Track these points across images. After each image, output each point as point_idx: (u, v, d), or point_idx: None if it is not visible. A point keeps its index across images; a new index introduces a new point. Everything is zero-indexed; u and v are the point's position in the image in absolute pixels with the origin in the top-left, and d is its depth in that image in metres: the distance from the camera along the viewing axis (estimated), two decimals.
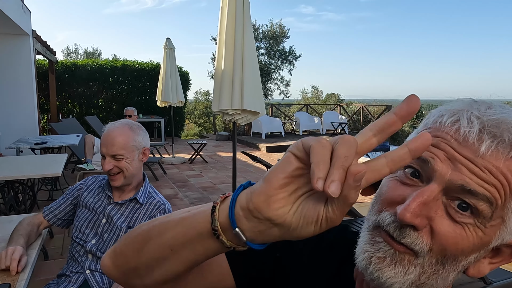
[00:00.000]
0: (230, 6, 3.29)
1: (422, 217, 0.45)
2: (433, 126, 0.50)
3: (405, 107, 0.37)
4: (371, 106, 14.59)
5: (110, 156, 1.53)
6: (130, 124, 1.61)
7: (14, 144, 4.77)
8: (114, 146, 1.52)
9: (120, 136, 1.54)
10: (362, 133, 0.38)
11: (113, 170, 1.53)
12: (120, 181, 1.55)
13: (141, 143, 1.60)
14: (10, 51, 7.29)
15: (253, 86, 3.33)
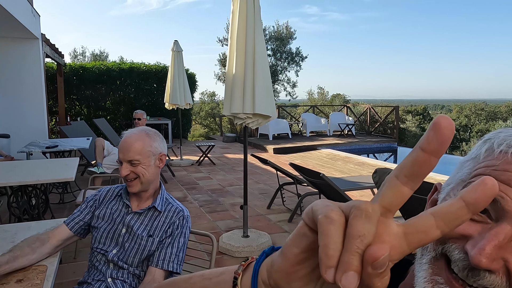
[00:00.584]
0: (241, 10, 3.29)
1: (497, 260, 0.40)
2: (491, 157, 0.44)
3: (434, 137, 0.28)
4: (378, 106, 14.53)
5: (126, 162, 1.54)
6: (146, 131, 1.63)
7: (26, 148, 4.82)
8: (130, 152, 1.53)
9: (137, 142, 1.55)
10: (388, 182, 0.30)
11: (130, 175, 1.53)
12: (137, 187, 1.56)
13: (157, 148, 1.61)
14: (20, 54, 7.36)
15: (265, 90, 3.33)
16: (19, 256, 1.39)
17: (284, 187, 4.95)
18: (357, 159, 8.54)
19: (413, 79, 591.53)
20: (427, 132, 0.29)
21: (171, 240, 1.53)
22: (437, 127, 0.28)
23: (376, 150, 11.41)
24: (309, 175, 3.35)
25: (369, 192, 5.58)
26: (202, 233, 1.78)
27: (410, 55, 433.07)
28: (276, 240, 3.80)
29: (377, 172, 2.46)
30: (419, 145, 0.29)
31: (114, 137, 8.10)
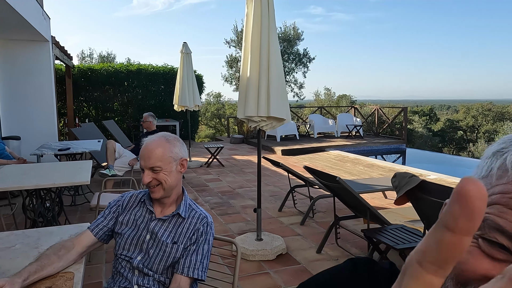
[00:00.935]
0: (255, 13, 3.28)
1: None
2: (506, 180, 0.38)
3: (462, 212, 0.22)
4: (385, 107, 14.45)
5: (148, 169, 1.53)
6: (166, 136, 1.62)
7: (39, 150, 4.84)
8: (151, 159, 1.53)
9: (157, 148, 1.54)
10: (409, 271, 0.24)
11: (152, 182, 1.53)
12: (160, 193, 1.55)
13: (178, 154, 1.60)
14: (31, 57, 7.41)
15: (279, 93, 3.31)
16: (47, 264, 1.39)
17: (295, 190, 4.93)
18: (367, 161, 8.50)
19: (419, 79, 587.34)
20: (450, 204, 0.22)
21: (196, 247, 1.52)
22: (464, 199, 0.21)
23: (385, 151, 11.35)
24: (324, 178, 3.33)
25: (380, 195, 5.55)
26: (225, 239, 1.77)
27: (415, 55, 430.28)
28: (290, 244, 3.78)
29: (396, 176, 2.43)
30: (444, 224, 0.22)
31: (123, 138, 8.13)
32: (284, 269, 3.26)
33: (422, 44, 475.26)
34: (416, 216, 3.53)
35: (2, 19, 5.48)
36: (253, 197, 5.58)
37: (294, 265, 3.33)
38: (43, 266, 1.38)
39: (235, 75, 14.45)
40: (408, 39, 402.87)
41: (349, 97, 24.95)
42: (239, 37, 13.76)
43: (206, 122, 23.26)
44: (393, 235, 2.87)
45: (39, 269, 1.36)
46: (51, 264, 1.41)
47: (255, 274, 3.17)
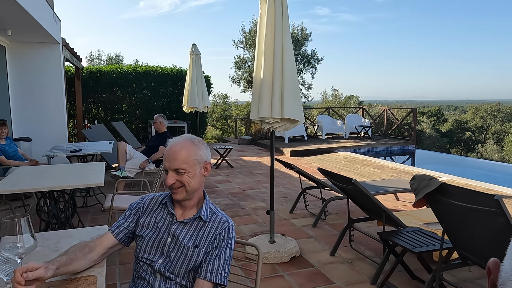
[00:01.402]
0: (269, 14, 3.26)
1: None
2: None
3: None
4: (394, 108, 14.36)
5: (172, 171, 1.52)
6: (191, 139, 1.61)
7: (51, 152, 4.86)
8: (176, 161, 1.51)
9: (182, 150, 1.53)
10: None
11: (176, 184, 1.51)
12: (182, 195, 1.54)
13: (202, 157, 1.58)
14: (42, 59, 7.46)
15: (293, 94, 3.29)
16: (73, 260, 1.40)
17: (306, 191, 4.90)
18: (376, 162, 8.44)
19: (426, 80, 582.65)
20: None
21: (218, 252, 1.50)
22: None
23: (394, 152, 11.27)
24: (338, 180, 3.30)
25: (392, 197, 5.50)
26: (247, 243, 1.75)
27: (422, 56, 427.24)
28: (303, 246, 3.75)
29: (415, 179, 2.40)
30: None
31: (132, 140, 8.15)
32: (298, 272, 3.23)
33: (429, 44, 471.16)
34: (432, 219, 3.48)
35: (15, 21, 5.52)
36: (263, 199, 5.56)
37: (308, 268, 3.30)
38: (71, 260, 1.39)
39: (243, 76, 14.45)
40: (415, 39, 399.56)
41: (356, 98, 24.86)
42: (247, 38, 13.77)
43: (213, 123, 23.29)
44: (410, 238, 2.83)
45: (67, 262, 1.37)
46: (77, 260, 1.41)
47: (269, 276, 3.14)
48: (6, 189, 2.91)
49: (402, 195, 5.63)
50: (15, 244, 1.24)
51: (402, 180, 5.41)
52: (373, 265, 3.34)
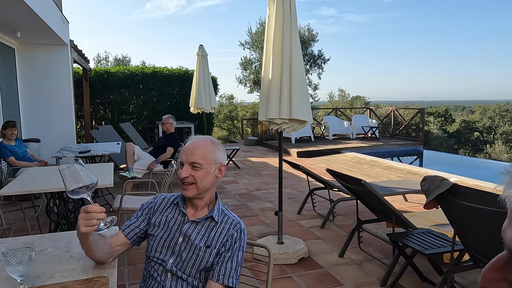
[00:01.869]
0: (277, 15, 3.26)
1: None
2: None
3: None
4: (401, 109, 14.26)
5: (188, 164, 1.52)
6: (212, 139, 1.63)
7: (60, 153, 4.90)
8: (194, 155, 1.53)
9: (202, 147, 1.55)
10: None
11: (189, 178, 1.52)
12: (193, 192, 1.54)
13: (219, 158, 1.59)
14: (51, 60, 7.53)
15: (301, 95, 3.28)
16: (99, 246, 1.46)
17: (314, 192, 4.88)
18: (384, 163, 8.39)
19: (432, 80, 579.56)
20: None
21: (231, 254, 1.50)
22: None
23: (401, 153, 11.20)
24: (347, 181, 3.28)
25: (400, 198, 5.46)
26: (258, 245, 1.74)
27: (429, 56, 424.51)
28: (311, 247, 3.74)
29: (426, 180, 2.37)
30: None
31: (139, 140, 8.19)
32: (307, 273, 3.22)
33: (436, 44, 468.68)
34: (442, 220, 3.45)
35: (24, 23, 5.57)
36: (271, 200, 5.55)
37: (317, 269, 3.28)
38: (98, 244, 1.46)
39: (249, 77, 14.46)
40: (421, 40, 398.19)
41: (363, 99, 24.76)
42: (254, 39, 13.77)
43: (219, 124, 23.34)
44: (420, 239, 2.80)
45: (96, 243, 1.44)
46: (100, 249, 1.47)
47: (278, 278, 3.13)
48: (16, 190, 2.94)
49: (411, 196, 5.58)
50: (79, 185, 1.33)
51: (411, 181, 5.37)
52: (382, 266, 3.31)
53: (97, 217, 1.34)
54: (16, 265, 1.23)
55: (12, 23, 5.57)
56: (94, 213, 1.33)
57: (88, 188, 1.35)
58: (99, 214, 1.34)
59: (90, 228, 1.33)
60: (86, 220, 1.33)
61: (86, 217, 1.33)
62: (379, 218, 3.53)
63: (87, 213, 1.33)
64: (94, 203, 1.38)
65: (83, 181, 1.34)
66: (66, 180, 1.32)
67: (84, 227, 1.33)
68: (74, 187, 1.33)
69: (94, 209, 1.34)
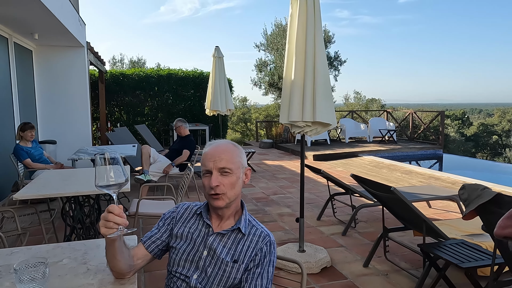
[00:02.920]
0: (300, 13, 3.12)
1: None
2: None
3: None
4: (419, 111, 13.94)
5: (217, 170, 1.39)
6: (232, 142, 1.51)
7: (76, 155, 4.84)
8: (222, 160, 1.39)
9: (227, 151, 1.42)
10: None
11: (220, 187, 1.38)
12: (225, 201, 1.41)
13: (244, 162, 1.47)
14: (67, 62, 7.53)
15: (325, 97, 3.13)
16: (122, 256, 1.34)
17: (334, 198, 4.71)
18: (404, 167, 8.15)
19: (448, 82, 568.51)
20: None
21: (261, 270, 1.36)
22: None
23: (420, 157, 10.91)
24: (374, 187, 3.11)
25: (424, 204, 5.25)
26: (290, 260, 1.60)
27: (444, 58, 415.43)
28: (333, 256, 3.57)
29: (465, 188, 2.20)
30: None
31: (154, 143, 8.13)
32: (330, 284, 3.06)
33: (451, 46, 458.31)
34: (475, 230, 3.26)
35: (42, 25, 5.56)
36: (288, 204, 5.40)
37: (341, 280, 3.12)
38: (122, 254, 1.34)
39: (264, 78, 14.33)
40: (437, 41, 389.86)
41: (378, 101, 24.40)
42: (269, 40, 13.65)
43: (232, 126, 23.29)
44: (454, 251, 2.62)
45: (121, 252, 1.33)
46: (126, 256, 1.36)
47: None
48: (32, 193, 2.86)
49: (434, 202, 5.37)
50: (108, 179, 1.23)
51: (435, 187, 5.16)
52: (410, 278, 3.13)
53: (114, 221, 1.22)
54: (29, 282, 1.11)
55: (30, 24, 5.56)
56: (114, 216, 1.22)
57: (117, 186, 1.26)
58: (117, 218, 1.22)
59: (108, 230, 1.22)
60: (105, 221, 1.22)
61: (106, 217, 1.22)
62: (406, 227, 3.35)
63: (109, 212, 1.22)
64: (119, 205, 1.27)
65: (119, 177, 1.24)
66: (101, 172, 1.22)
67: (103, 228, 1.22)
68: (106, 183, 1.23)
69: (115, 211, 1.23)
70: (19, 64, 6.40)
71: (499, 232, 0.57)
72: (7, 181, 5.40)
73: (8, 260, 1.55)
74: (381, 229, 3.38)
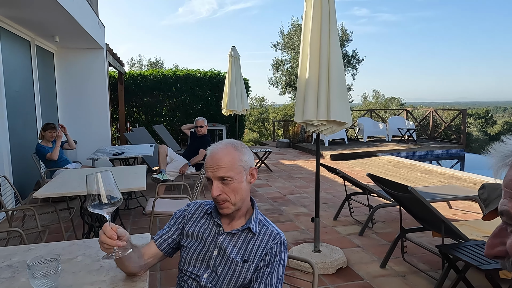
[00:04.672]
0: (315, 11, 3.09)
1: None
2: None
3: None
4: (440, 110, 13.62)
5: (217, 180, 1.37)
6: (233, 143, 1.46)
7: (95, 155, 4.94)
8: (220, 168, 1.37)
9: (226, 156, 1.38)
10: None
11: (222, 196, 1.37)
12: (230, 209, 1.39)
13: (247, 162, 1.44)
14: (87, 64, 7.69)
15: (340, 95, 3.10)
16: (131, 258, 1.35)
17: (351, 197, 4.65)
18: (423, 167, 7.98)
19: (470, 80, 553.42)
20: None
21: (271, 269, 1.35)
22: None
23: (441, 156, 10.66)
24: (391, 187, 3.06)
25: (444, 204, 5.13)
26: (302, 259, 1.59)
27: (466, 55, 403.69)
28: (350, 256, 3.53)
29: (485, 188, 2.13)
30: None
31: (172, 142, 8.22)
32: (346, 285, 3.02)
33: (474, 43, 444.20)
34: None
35: (63, 28, 5.69)
36: (305, 204, 5.36)
37: (357, 281, 3.08)
38: (134, 254, 1.35)
39: (281, 78, 14.30)
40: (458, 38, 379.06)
41: (398, 100, 24.00)
42: (286, 40, 13.61)
43: (249, 126, 23.32)
44: (474, 252, 2.54)
45: (132, 255, 1.33)
46: (135, 259, 1.37)
47: None
48: (51, 192, 2.93)
49: (455, 202, 5.24)
50: (101, 199, 1.19)
51: (455, 187, 5.03)
52: (429, 279, 3.06)
53: (106, 243, 1.20)
54: (42, 278, 1.14)
55: (51, 28, 5.70)
56: (106, 238, 1.20)
57: (109, 204, 1.21)
58: (108, 240, 1.20)
59: (105, 250, 1.22)
60: (101, 242, 1.21)
61: (100, 239, 1.21)
62: (424, 227, 3.27)
63: (104, 234, 1.21)
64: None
65: (111, 192, 1.20)
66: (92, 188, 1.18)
67: (101, 247, 1.22)
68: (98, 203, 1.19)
69: (107, 233, 1.20)
70: (41, 66, 6.57)
71: (489, 252, 0.55)
72: (31, 181, 5.55)
73: (25, 256, 1.59)
74: (398, 229, 3.31)
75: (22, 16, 5.00)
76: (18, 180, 5.16)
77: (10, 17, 5.03)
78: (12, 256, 1.59)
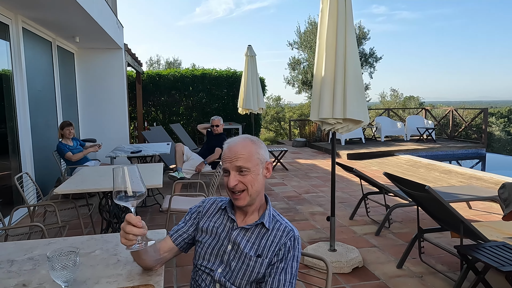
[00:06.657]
0: (331, 8, 3.07)
1: None
2: None
3: None
4: (460, 109, 13.33)
5: (235, 170, 1.39)
6: (250, 138, 1.49)
7: (113, 153, 5.03)
8: (239, 159, 1.39)
9: (244, 149, 1.41)
10: None
11: (238, 186, 1.39)
12: (246, 200, 1.41)
13: (264, 156, 1.46)
14: (106, 64, 7.84)
15: (356, 93, 3.07)
16: (148, 253, 1.38)
17: (368, 197, 4.61)
18: (442, 167, 7.83)
19: (492, 78, 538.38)
20: None
21: (284, 265, 1.35)
22: None
23: (461, 156, 10.44)
24: (408, 186, 3.01)
25: (464, 205, 5.02)
26: (315, 256, 1.58)
27: (488, 53, 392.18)
28: (366, 256, 3.50)
29: (505, 187, 2.08)
30: None
31: (188, 141, 8.30)
32: (362, 284, 2.99)
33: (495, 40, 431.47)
34: None
35: (83, 29, 5.82)
36: (321, 203, 5.34)
37: (373, 281, 3.05)
38: (150, 248, 1.38)
39: (297, 77, 14.24)
40: (479, 36, 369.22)
41: (417, 99, 23.59)
42: (302, 38, 13.55)
43: (266, 125, 23.31)
44: (494, 253, 2.49)
45: (148, 249, 1.37)
46: (151, 254, 1.40)
47: None
48: (70, 188, 3.00)
49: (475, 203, 5.12)
50: (126, 192, 1.23)
51: (475, 187, 4.92)
52: (447, 281, 3.01)
53: (132, 232, 1.23)
54: (61, 270, 1.17)
55: (72, 28, 5.83)
56: (132, 227, 1.23)
57: (135, 197, 1.25)
58: (134, 229, 1.23)
59: (128, 242, 1.24)
60: (125, 233, 1.23)
61: (124, 229, 1.23)
62: (442, 228, 3.22)
63: (128, 223, 1.24)
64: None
65: (136, 185, 1.24)
66: (118, 181, 1.23)
67: (123, 239, 1.24)
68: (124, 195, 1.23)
69: (132, 221, 1.23)
70: (62, 66, 6.73)
71: None
72: (52, 178, 5.69)
73: (45, 249, 1.64)
74: (416, 229, 3.27)
75: (44, 18, 5.14)
76: (39, 177, 5.30)
77: (33, 18, 5.17)
78: (34, 250, 1.64)
